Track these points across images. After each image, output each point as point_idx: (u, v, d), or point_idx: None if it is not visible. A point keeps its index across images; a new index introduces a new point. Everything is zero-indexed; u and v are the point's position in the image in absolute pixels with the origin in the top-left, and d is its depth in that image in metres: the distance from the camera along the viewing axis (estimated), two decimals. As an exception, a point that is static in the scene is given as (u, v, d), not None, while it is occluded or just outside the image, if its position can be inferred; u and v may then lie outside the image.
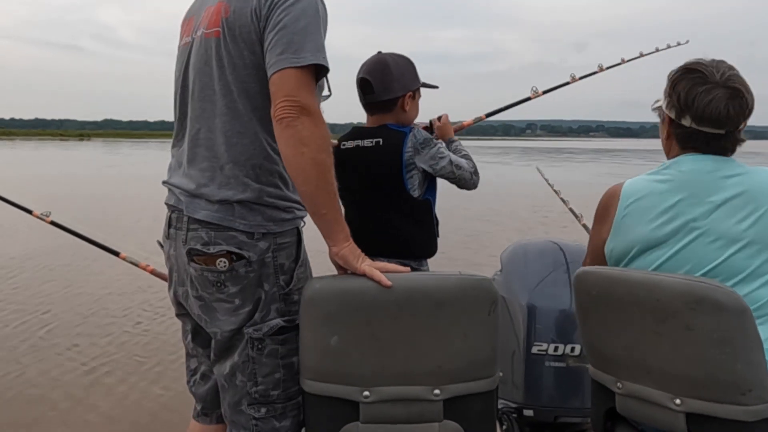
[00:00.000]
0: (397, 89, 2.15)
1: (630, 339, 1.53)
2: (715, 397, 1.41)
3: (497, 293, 1.55)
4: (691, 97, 1.57)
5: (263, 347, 1.57)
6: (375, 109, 2.20)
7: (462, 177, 2.17)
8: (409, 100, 2.18)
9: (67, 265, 7.05)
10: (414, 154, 2.09)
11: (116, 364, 4.16)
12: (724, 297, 1.38)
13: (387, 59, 2.15)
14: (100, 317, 5.22)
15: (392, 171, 2.10)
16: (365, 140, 2.16)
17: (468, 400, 1.55)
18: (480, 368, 1.56)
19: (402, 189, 2.09)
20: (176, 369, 3.97)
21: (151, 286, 5.74)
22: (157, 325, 5.00)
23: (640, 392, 1.52)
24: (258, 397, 1.59)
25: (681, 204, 1.58)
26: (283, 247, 1.58)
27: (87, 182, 18.54)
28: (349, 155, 2.19)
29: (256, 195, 1.55)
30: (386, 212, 2.13)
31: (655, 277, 1.49)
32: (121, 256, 2.75)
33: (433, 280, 1.56)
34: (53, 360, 4.23)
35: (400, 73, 2.16)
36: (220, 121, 1.56)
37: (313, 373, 1.57)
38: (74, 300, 5.76)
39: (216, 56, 1.55)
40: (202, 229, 1.56)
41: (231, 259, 1.53)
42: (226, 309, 1.58)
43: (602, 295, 1.58)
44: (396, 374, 1.54)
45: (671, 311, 1.43)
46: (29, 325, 4.97)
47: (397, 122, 2.18)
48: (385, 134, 2.14)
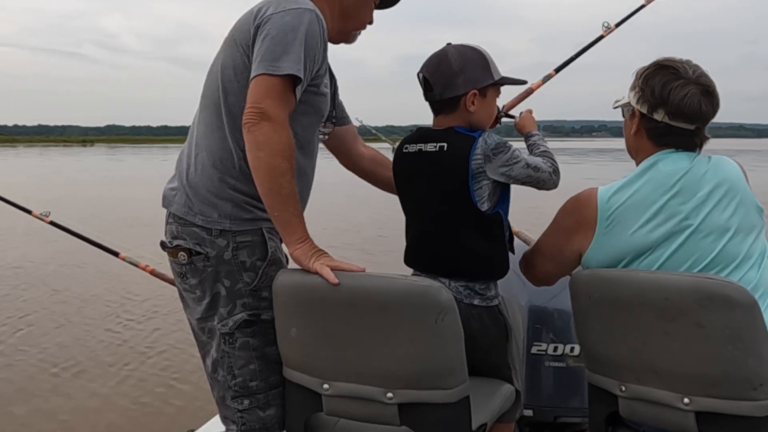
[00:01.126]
0: (459, 86, 1.82)
1: (636, 340, 1.50)
2: (726, 393, 1.39)
3: (447, 301, 1.48)
4: (666, 91, 1.59)
5: (234, 341, 1.65)
6: (438, 109, 1.89)
7: (540, 179, 1.85)
8: (475, 99, 1.83)
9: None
10: (484, 162, 1.76)
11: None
12: (734, 292, 1.37)
13: (448, 52, 1.85)
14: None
15: (457, 181, 1.77)
16: (428, 144, 1.84)
17: (426, 409, 1.50)
18: (436, 377, 1.50)
19: (468, 202, 1.77)
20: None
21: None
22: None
23: (646, 394, 1.50)
24: (238, 389, 1.66)
25: (670, 204, 1.58)
26: (244, 245, 1.64)
27: (90, 185, 18.56)
28: (411, 160, 1.89)
29: (217, 185, 1.64)
30: (450, 227, 1.82)
31: (662, 276, 1.48)
32: (120, 256, 2.75)
33: (379, 281, 1.52)
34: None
35: (464, 67, 1.83)
36: (206, 115, 1.70)
37: (286, 361, 1.66)
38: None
39: (218, 60, 1.69)
40: (174, 223, 1.68)
41: (190, 254, 1.63)
42: (192, 299, 1.69)
43: (605, 297, 1.55)
44: (351, 371, 1.57)
45: (681, 309, 1.41)
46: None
47: (465, 124, 1.84)
48: (450, 138, 1.82)
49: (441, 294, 1.48)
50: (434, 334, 1.47)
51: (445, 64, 1.83)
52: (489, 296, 1.82)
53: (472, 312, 1.77)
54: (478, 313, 1.78)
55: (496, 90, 1.89)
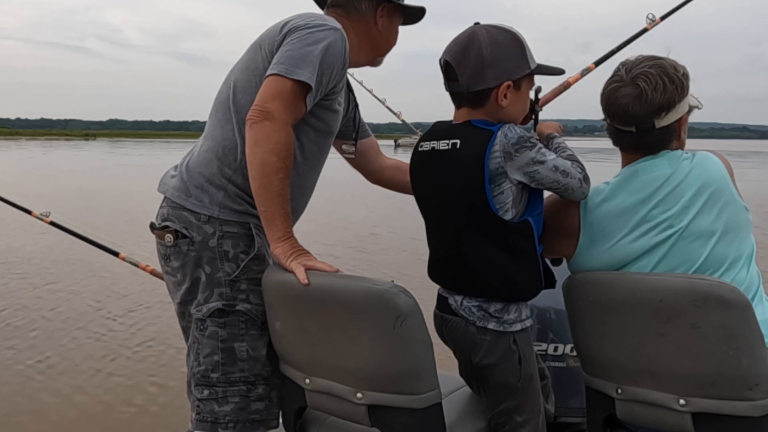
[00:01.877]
0: (490, 77, 1.56)
1: (631, 342, 1.50)
2: (722, 394, 1.39)
3: (406, 306, 1.44)
4: (604, 94, 1.62)
5: (204, 328, 1.68)
6: (461, 101, 1.62)
7: (569, 186, 1.57)
8: (508, 93, 1.57)
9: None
10: (504, 160, 1.49)
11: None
12: (728, 293, 1.38)
13: (478, 35, 1.57)
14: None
15: (472, 184, 1.52)
16: (441, 141, 1.60)
17: (394, 413, 1.50)
18: (401, 382, 1.48)
19: (486, 210, 1.51)
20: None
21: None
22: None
23: (643, 396, 1.50)
24: (200, 377, 1.69)
25: (652, 214, 1.57)
26: (229, 235, 1.67)
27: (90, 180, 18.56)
28: (424, 161, 1.66)
29: (214, 172, 1.68)
30: (465, 239, 1.58)
31: (657, 277, 1.48)
32: (120, 256, 2.75)
33: (342, 282, 1.53)
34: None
35: (497, 54, 1.56)
36: (216, 111, 1.76)
37: (278, 355, 1.71)
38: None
39: (239, 63, 1.76)
40: (166, 207, 1.73)
41: (176, 236, 1.67)
42: (173, 282, 1.74)
43: (599, 299, 1.55)
44: (326, 368, 1.59)
45: (676, 311, 1.41)
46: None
47: (491, 119, 1.59)
48: (464, 134, 1.56)
49: (399, 299, 1.44)
50: (394, 338, 1.46)
51: (475, 51, 1.56)
52: (506, 320, 1.58)
53: (482, 337, 1.58)
54: (488, 339, 1.57)
55: (530, 81, 1.64)
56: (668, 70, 1.56)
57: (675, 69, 1.57)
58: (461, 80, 1.58)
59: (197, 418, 1.69)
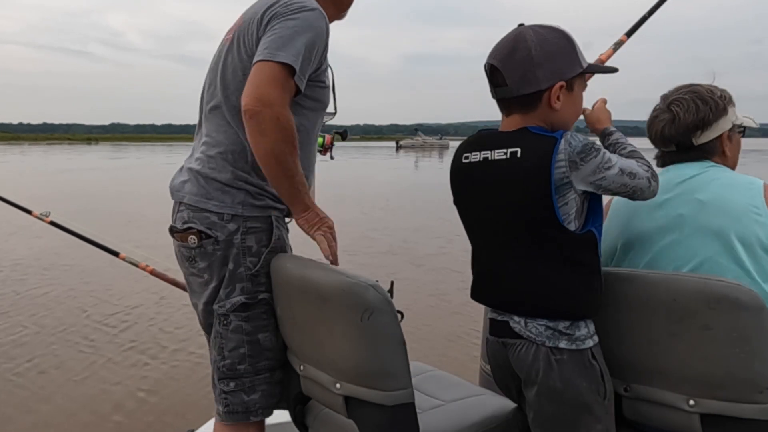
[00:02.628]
0: (541, 79, 1.46)
1: (642, 341, 1.48)
2: (732, 396, 1.38)
3: (374, 301, 1.43)
4: (647, 124, 1.75)
5: (228, 323, 1.70)
6: (510, 107, 1.52)
7: (637, 188, 1.47)
8: (561, 94, 1.48)
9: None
10: (570, 170, 1.40)
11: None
12: (743, 295, 1.35)
13: (526, 36, 1.47)
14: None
15: (537, 196, 1.41)
16: (496, 151, 1.49)
17: (367, 407, 1.49)
18: (372, 377, 1.48)
19: (553, 222, 1.41)
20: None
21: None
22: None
23: (651, 395, 1.49)
24: (226, 371, 1.71)
25: (669, 202, 1.63)
26: (252, 231, 1.69)
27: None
28: (474, 172, 1.53)
29: (230, 177, 1.69)
30: (528, 255, 1.47)
31: (671, 277, 1.46)
32: (120, 256, 2.76)
33: (318, 273, 1.55)
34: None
35: (546, 54, 1.47)
36: (214, 114, 1.75)
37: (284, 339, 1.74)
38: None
39: (224, 58, 1.75)
40: (185, 210, 1.72)
41: (200, 237, 1.68)
42: (199, 283, 1.74)
43: (610, 297, 1.52)
44: (311, 356, 1.62)
45: (689, 311, 1.39)
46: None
47: (545, 125, 1.49)
48: (525, 142, 1.45)
49: (367, 293, 1.44)
50: (363, 332, 1.46)
51: (522, 52, 1.46)
52: (578, 336, 1.45)
53: (556, 357, 1.45)
54: (564, 359, 1.44)
55: (582, 81, 1.54)
56: (702, 93, 1.67)
57: (710, 92, 1.67)
58: (509, 84, 1.48)
59: (226, 410, 1.72)
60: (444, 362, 4.03)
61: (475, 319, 4.57)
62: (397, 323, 1.48)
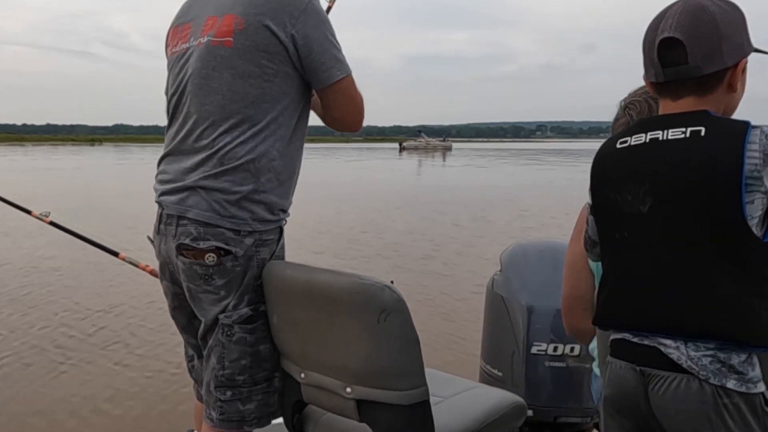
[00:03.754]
0: (726, 55, 1.23)
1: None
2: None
3: (391, 302, 1.45)
4: (612, 128, 1.63)
5: (232, 334, 1.67)
6: (681, 90, 1.26)
7: None
8: (740, 74, 1.26)
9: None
10: (763, 164, 1.14)
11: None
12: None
13: (706, 4, 1.24)
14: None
15: (723, 188, 1.15)
16: (670, 130, 1.23)
17: (381, 408, 1.51)
18: (387, 377, 1.50)
19: (738, 222, 1.14)
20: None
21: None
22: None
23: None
24: (224, 380, 1.69)
25: None
26: (266, 243, 1.69)
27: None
28: (634, 156, 1.28)
29: (251, 188, 1.64)
30: (699, 260, 1.19)
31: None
32: (120, 256, 2.75)
33: (327, 277, 1.55)
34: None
35: (732, 27, 1.24)
36: (229, 123, 1.64)
37: (278, 347, 1.72)
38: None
39: (228, 64, 1.63)
40: (191, 225, 1.64)
41: (219, 254, 1.62)
42: (212, 299, 1.67)
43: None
44: (317, 362, 1.62)
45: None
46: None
47: (718, 111, 1.26)
48: (708, 122, 1.20)
49: (383, 293, 1.46)
50: (379, 333, 1.47)
51: (708, 24, 1.22)
52: (751, 377, 1.16)
53: (723, 401, 1.15)
54: (732, 404, 1.15)
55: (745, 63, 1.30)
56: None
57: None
58: (692, 61, 1.23)
59: (221, 419, 1.70)
60: (445, 363, 4.01)
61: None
62: (412, 322, 1.50)
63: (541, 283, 2.28)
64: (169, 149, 1.73)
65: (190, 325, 1.81)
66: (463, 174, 30.39)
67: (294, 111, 1.69)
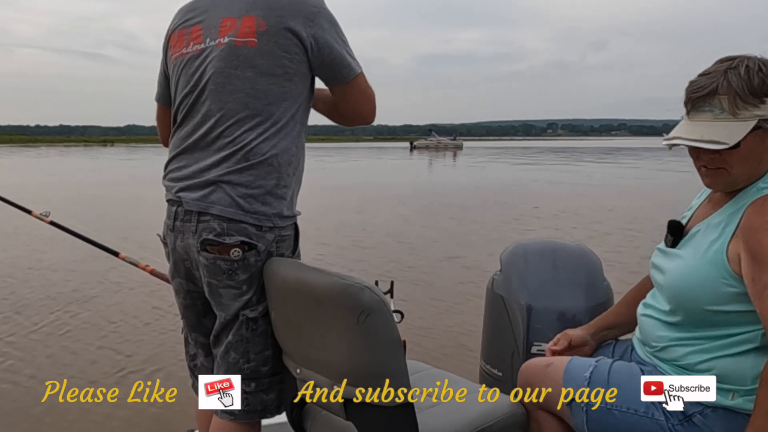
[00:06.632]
0: None
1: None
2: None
3: (370, 303, 1.45)
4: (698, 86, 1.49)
5: (257, 327, 1.73)
6: None
7: None
8: None
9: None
10: None
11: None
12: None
13: None
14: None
15: None
16: None
17: (365, 408, 1.52)
18: (369, 378, 1.50)
19: None
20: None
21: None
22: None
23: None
24: (249, 373, 1.74)
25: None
26: (284, 238, 1.75)
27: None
28: None
29: (274, 183, 1.70)
30: None
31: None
32: (120, 256, 2.76)
33: (312, 275, 1.57)
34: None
35: None
36: (251, 122, 1.68)
37: (279, 343, 1.75)
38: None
39: (252, 63, 1.67)
40: (214, 221, 1.67)
41: (244, 249, 1.67)
42: (233, 294, 1.71)
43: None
44: (309, 359, 1.64)
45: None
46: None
47: None
48: None
49: (363, 294, 1.45)
50: (359, 334, 1.48)
51: None
52: None
53: None
54: None
55: None
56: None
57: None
58: None
59: (246, 410, 1.75)
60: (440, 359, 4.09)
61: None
62: (394, 324, 1.49)
63: (540, 283, 2.26)
64: (184, 147, 1.75)
65: (200, 324, 1.87)
66: (482, 171, 30.30)
67: (306, 109, 1.77)
